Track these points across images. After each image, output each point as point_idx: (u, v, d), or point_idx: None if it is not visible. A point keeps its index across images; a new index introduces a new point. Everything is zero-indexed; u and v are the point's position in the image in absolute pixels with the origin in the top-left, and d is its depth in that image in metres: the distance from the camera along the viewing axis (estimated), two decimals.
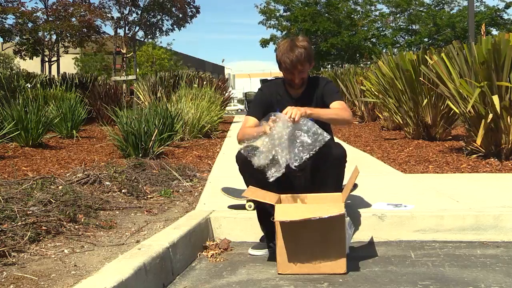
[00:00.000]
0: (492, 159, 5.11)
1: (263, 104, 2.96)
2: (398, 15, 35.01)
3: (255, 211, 3.13)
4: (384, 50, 30.05)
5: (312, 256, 2.43)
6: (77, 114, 8.50)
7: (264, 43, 34.59)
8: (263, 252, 2.77)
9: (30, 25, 22.85)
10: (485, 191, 3.76)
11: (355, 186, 3.45)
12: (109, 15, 25.71)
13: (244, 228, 3.04)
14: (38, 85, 11.52)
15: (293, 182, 2.90)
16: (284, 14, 34.46)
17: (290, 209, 2.57)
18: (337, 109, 2.84)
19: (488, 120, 4.97)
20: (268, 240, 2.76)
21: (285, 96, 2.95)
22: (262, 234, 2.89)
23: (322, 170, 2.74)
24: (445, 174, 4.69)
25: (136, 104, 11.78)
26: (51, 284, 1.99)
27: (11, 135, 6.43)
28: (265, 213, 2.71)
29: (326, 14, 33.59)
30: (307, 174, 2.89)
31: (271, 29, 34.66)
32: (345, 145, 2.91)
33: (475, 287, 2.23)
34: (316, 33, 33.22)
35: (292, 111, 2.54)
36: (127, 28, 27.17)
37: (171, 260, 2.44)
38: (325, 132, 2.57)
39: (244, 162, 2.75)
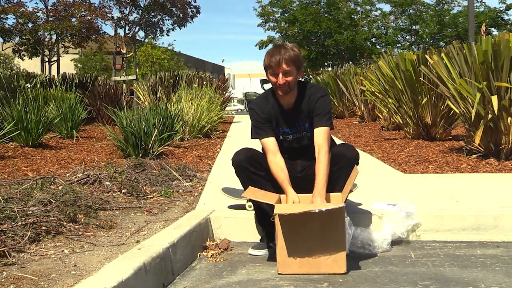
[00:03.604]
0: (492, 159, 5.11)
1: (263, 120, 2.82)
2: (399, 15, 35.03)
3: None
4: (383, 50, 30.08)
5: (312, 256, 2.43)
6: (77, 114, 8.50)
7: (263, 44, 34.66)
8: (263, 252, 2.77)
9: (30, 25, 22.85)
10: (485, 191, 3.76)
11: (355, 186, 3.46)
12: (110, 15, 25.71)
13: (244, 228, 3.04)
14: (38, 85, 11.52)
15: (293, 184, 2.90)
16: (282, 16, 34.51)
17: (289, 206, 2.58)
18: (326, 160, 2.66)
19: (487, 120, 4.96)
20: (268, 240, 2.77)
21: (277, 108, 2.84)
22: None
23: (332, 171, 2.71)
24: (445, 174, 4.69)
25: (136, 104, 11.78)
26: (51, 284, 1.99)
27: (11, 135, 6.43)
28: (264, 214, 2.72)
29: (327, 15, 33.63)
30: (308, 175, 2.88)
31: (269, 31, 34.79)
32: (354, 147, 2.91)
33: (475, 287, 2.23)
34: (317, 33, 33.28)
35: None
36: (127, 28, 27.17)
37: (171, 260, 2.44)
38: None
39: (239, 165, 2.76)
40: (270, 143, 2.79)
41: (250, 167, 2.75)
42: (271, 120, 2.85)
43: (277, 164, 2.73)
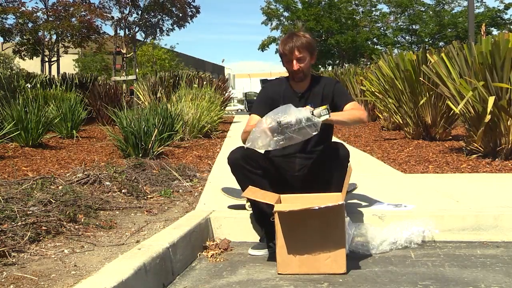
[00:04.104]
0: (492, 159, 5.11)
1: (267, 100, 2.96)
2: (398, 15, 35.06)
3: None
4: (384, 50, 30.11)
5: (312, 256, 2.43)
6: (77, 114, 8.51)
7: (264, 46, 34.75)
8: (263, 252, 2.77)
9: (30, 25, 22.88)
10: (485, 191, 3.76)
11: (355, 186, 3.46)
12: (109, 15, 25.74)
13: (244, 228, 3.04)
14: (38, 85, 11.52)
15: (291, 183, 2.90)
16: (286, 14, 34.63)
17: (289, 204, 2.59)
18: (354, 110, 2.91)
19: (486, 120, 4.95)
20: (268, 240, 2.76)
21: (288, 92, 2.95)
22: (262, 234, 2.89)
23: (324, 170, 2.74)
24: (445, 174, 4.69)
25: (136, 104, 11.78)
26: (51, 284, 1.99)
27: (11, 135, 6.43)
28: (262, 213, 2.72)
29: (328, 15, 33.70)
30: (306, 174, 2.89)
31: (274, 30, 34.92)
32: (345, 145, 2.92)
33: (475, 287, 2.23)
34: (319, 31, 33.35)
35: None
36: (127, 28, 27.18)
37: (171, 260, 2.44)
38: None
39: (235, 164, 2.76)
40: (255, 119, 2.89)
41: (246, 165, 2.75)
42: (278, 103, 2.88)
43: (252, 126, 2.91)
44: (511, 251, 2.74)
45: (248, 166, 2.75)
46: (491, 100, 4.79)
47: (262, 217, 2.76)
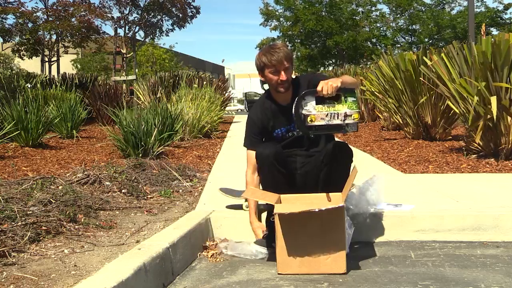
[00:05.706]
0: (492, 159, 5.11)
1: (258, 130, 2.92)
2: (398, 15, 35.09)
3: None
4: (384, 50, 30.13)
5: (312, 256, 2.43)
6: (77, 114, 8.50)
7: (263, 46, 34.79)
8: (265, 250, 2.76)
9: (30, 25, 22.89)
10: (485, 191, 3.75)
11: (353, 186, 3.45)
12: (109, 15, 25.74)
13: (244, 228, 3.03)
14: (38, 85, 11.52)
15: (292, 182, 2.89)
16: (286, 14, 34.64)
17: (289, 206, 2.59)
18: (348, 76, 2.91)
19: (486, 119, 4.94)
20: (271, 240, 2.75)
21: (274, 109, 2.89)
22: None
23: (325, 170, 2.73)
24: (445, 174, 4.69)
25: (136, 104, 11.78)
26: (51, 284, 1.99)
27: (11, 135, 6.42)
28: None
29: (328, 15, 33.72)
30: (307, 173, 2.88)
31: (273, 31, 34.97)
32: (348, 145, 2.92)
33: (475, 287, 2.23)
34: (320, 32, 33.37)
35: (326, 87, 2.59)
36: (127, 28, 27.17)
37: (171, 260, 2.44)
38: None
39: (266, 160, 2.73)
40: (252, 156, 2.85)
41: (276, 163, 2.73)
42: (267, 125, 2.88)
43: (253, 181, 2.87)
44: (511, 251, 2.74)
45: (278, 165, 2.73)
46: (493, 100, 4.79)
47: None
